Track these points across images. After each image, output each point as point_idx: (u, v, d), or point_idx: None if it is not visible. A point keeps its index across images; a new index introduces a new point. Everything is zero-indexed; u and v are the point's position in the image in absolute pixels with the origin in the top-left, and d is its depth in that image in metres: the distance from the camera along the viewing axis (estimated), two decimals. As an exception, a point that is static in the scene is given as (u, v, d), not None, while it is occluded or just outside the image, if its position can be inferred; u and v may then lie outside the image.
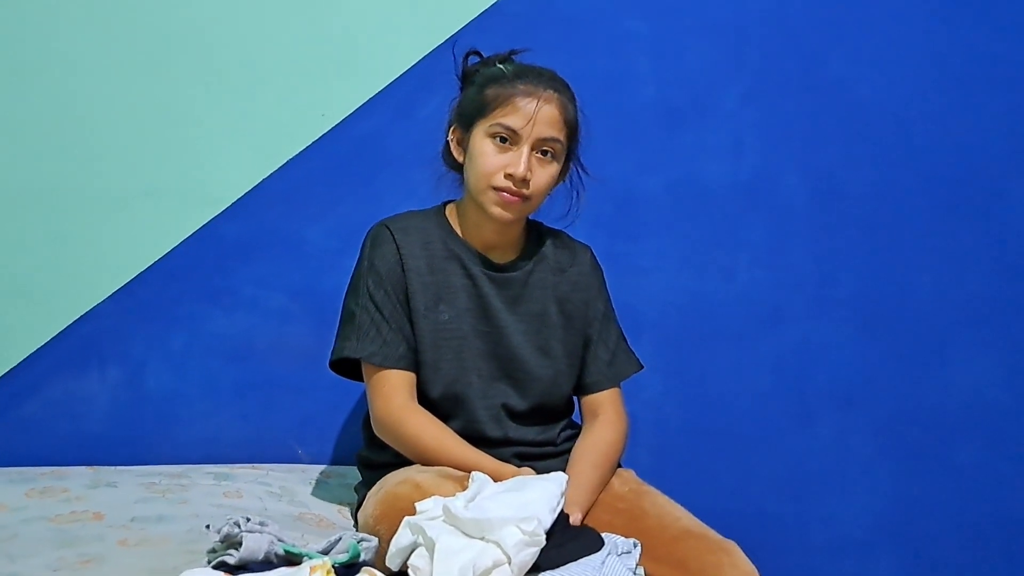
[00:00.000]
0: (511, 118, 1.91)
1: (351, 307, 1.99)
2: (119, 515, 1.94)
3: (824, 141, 2.62)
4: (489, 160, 1.92)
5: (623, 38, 2.53)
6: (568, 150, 1.99)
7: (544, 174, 1.94)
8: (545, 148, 1.93)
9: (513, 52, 2.02)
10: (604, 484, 1.97)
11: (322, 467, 2.39)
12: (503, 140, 1.92)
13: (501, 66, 1.98)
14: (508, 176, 1.91)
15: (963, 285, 2.69)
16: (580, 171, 2.06)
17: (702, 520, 1.92)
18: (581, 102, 2.01)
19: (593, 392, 2.09)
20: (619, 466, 2.06)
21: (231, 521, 1.58)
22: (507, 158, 1.92)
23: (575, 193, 2.07)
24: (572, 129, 1.98)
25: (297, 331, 2.42)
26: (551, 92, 1.94)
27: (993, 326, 2.70)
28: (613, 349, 2.10)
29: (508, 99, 1.92)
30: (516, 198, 1.93)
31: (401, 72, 2.43)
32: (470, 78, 2.02)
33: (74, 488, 2.09)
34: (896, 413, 2.68)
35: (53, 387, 2.34)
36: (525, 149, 1.91)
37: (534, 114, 1.90)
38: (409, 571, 1.56)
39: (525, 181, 1.92)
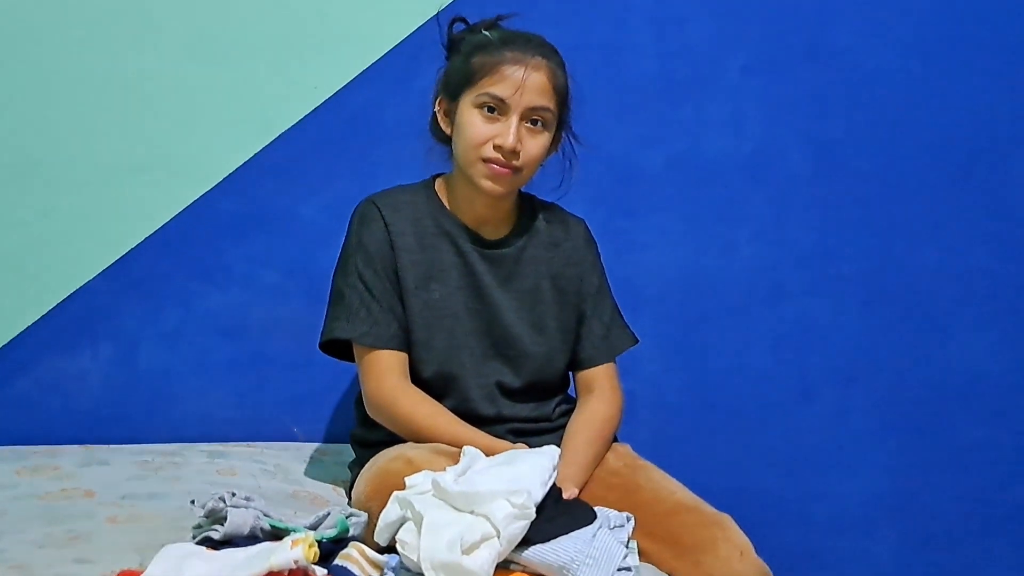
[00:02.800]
0: (499, 87, 1.87)
1: (340, 287, 1.97)
2: (110, 492, 1.94)
3: (827, 114, 2.59)
4: (477, 131, 1.88)
5: (622, 8, 2.49)
6: (559, 119, 1.95)
7: (535, 144, 1.91)
8: (535, 117, 1.89)
9: (500, 18, 1.96)
10: (599, 459, 1.96)
11: (317, 445, 2.38)
12: (491, 110, 1.88)
13: (487, 33, 1.93)
14: (497, 147, 1.87)
15: (967, 261, 2.66)
16: (572, 141, 2.02)
17: (701, 497, 1.91)
18: (579, 74, 1.97)
19: (588, 367, 2.06)
20: (615, 440, 2.04)
21: (216, 496, 1.56)
22: (496, 128, 1.88)
23: (567, 163, 2.03)
24: (563, 97, 1.94)
25: (291, 308, 2.40)
26: (539, 59, 1.89)
27: (996, 302, 2.67)
28: (608, 324, 2.08)
29: (495, 67, 1.87)
30: (506, 170, 1.89)
31: (397, 42, 2.39)
32: (456, 46, 1.97)
33: (65, 466, 2.09)
34: (897, 390, 2.65)
35: (44, 365, 2.34)
36: (514, 119, 1.87)
37: (522, 82, 1.86)
38: (397, 545, 1.55)
39: (515, 152, 1.88)
